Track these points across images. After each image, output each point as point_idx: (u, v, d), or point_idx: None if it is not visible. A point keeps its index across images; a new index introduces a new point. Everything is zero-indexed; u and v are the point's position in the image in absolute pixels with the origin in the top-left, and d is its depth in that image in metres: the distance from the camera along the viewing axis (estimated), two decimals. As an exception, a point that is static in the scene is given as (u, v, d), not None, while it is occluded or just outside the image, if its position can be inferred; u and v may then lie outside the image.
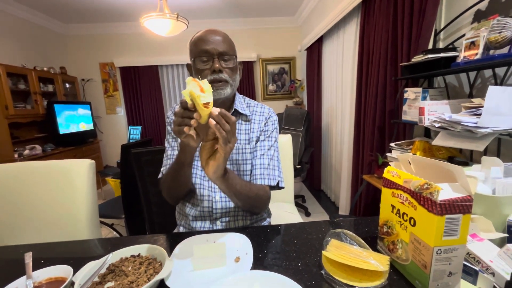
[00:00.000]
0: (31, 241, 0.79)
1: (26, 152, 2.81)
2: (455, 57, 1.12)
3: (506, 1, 1.03)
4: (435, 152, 1.17)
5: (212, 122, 0.56)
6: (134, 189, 1.35)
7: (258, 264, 0.59)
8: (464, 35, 1.07)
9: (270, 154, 0.87)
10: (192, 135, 0.61)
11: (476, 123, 0.86)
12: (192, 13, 3.52)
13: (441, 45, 1.38)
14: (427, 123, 1.12)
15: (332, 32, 2.79)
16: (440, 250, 0.44)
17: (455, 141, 0.95)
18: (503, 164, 0.69)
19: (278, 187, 0.87)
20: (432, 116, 1.09)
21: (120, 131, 4.21)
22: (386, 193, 0.57)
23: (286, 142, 1.31)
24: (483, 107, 0.86)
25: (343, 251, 0.55)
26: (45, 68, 3.27)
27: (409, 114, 1.31)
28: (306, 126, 2.98)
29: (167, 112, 0.93)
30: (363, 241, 0.60)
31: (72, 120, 3.48)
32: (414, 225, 0.48)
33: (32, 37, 3.33)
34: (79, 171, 1.00)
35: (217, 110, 0.57)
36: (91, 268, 0.54)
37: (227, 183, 0.68)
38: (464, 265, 0.47)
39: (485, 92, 0.84)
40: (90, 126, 3.82)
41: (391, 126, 1.67)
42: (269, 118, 0.91)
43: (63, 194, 1.00)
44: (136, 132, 3.78)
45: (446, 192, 0.44)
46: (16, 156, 2.68)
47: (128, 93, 4.03)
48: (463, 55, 1.04)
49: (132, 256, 0.62)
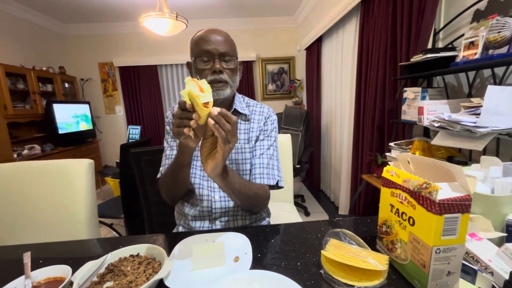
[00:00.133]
0: (30, 240, 0.79)
1: (25, 152, 2.81)
2: (454, 56, 1.12)
3: (505, 0, 1.04)
4: (434, 152, 1.18)
5: (211, 122, 0.56)
6: (134, 189, 1.35)
7: (257, 263, 0.59)
8: (463, 35, 1.07)
9: (269, 154, 0.87)
10: (191, 136, 0.60)
11: (475, 123, 0.86)
12: (192, 12, 3.52)
13: (440, 44, 1.39)
14: (426, 123, 1.12)
15: (331, 31, 2.78)
16: (439, 249, 0.44)
17: (454, 140, 0.96)
18: (502, 164, 0.69)
19: (277, 186, 0.87)
20: (431, 115, 1.10)
21: (119, 130, 4.20)
22: (385, 192, 0.57)
23: (285, 142, 1.31)
24: (482, 106, 0.86)
25: (342, 251, 0.55)
26: (44, 68, 3.26)
27: (408, 113, 1.31)
28: (306, 126, 2.98)
29: (166, 111, 0.93)
30: (362, 240, 0.60)
31: (71, 120, 3.47)
32: (413, 224, 0.48)
33: (31, 36, 3.32)
34: (78, 171, 1.00)
35: (217, 110, 0.56)
36: (90, 268, 0.54)
37: (225, 181, 0.68)
38: (463, 264, 0.48)
39: (484, 92, 0.85)
40: (89, 126, 3.81)
41: (390, 125, 1.67)
42: (268, 118, 0.91)
43: (62, 194, 1.00)
44: (135, 131, 3.77)
45: (445, 192, 0.44)
46: (15, 156, 2.68)
47: (127, 92, 4.02)
48: (462, 54, 1.04)
49: (131, 256, 0.62)
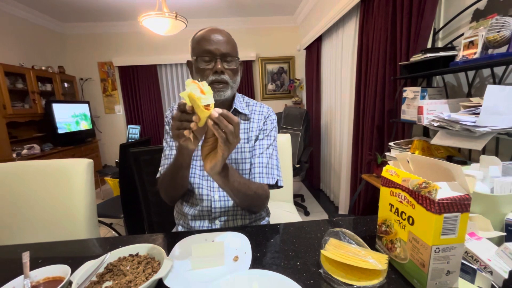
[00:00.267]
0: (29, 240, 0.79)
1: (24, 151, 2.81)
2: (454, 56, 1.12)
3: (504, 0, 1.04)
4: (434, 151, 1.18)
5: (210, 123, 0.56)
6: (133, 188, 1.35)
7: (257, 263, 0.59)
8: (462, 34, 1.07)
9: (269, 153, 0.86)
10: (191, 138, 0.59)
11: (474, 122, 0.86)
12: (191, 12, 3.51)
13: (439, 44, 1.39)
14: (425, 122, 1.12)
15: (331, 31, 2.78)
16: (438, 248, 0.44)
17: (453, 140, 0.96)
18: (501, 163, 0.69)
19: (277, 186, 0.86)
20: (431, 115, 1.10)
21: (119, 130, 4.20)
22: (384, 192, 0.57)
23: (285, 142, 1.31)
24: (481, 106, 0.86)
25: (341, 250, 0.55)
26: (43, 67, 3.26)
27: (408, 113, 1.31)
28: (305, 126, 2.98)
29: (166, 111, 0.93)
30: (361, 240, 0.60)
31: (71, 119, 3.46)
32: (413, 223, 0.48)
33: (30, 36, 3.31)
34: (77, 171, 1.00)
35: (218, 111, 0.56)
36: (89, 268, 0.53)
37: (225, 180, 0.68)
38: (462, 263, 0.48)
39: (483, 91, 0.85)
40: (88, 126, 3.81)
41: (390, 125, 1.67)
42: (268, 117, 0.91)
43: (61, 194, 0.99)
44: (135, 131, 3.76)
45: (444, 191, 0.44)
46: (14, 155, 2.68)
47: (126, 92, 4.02)
48: (462, 54, 1.04)
49: (131, 255, 0.62)
